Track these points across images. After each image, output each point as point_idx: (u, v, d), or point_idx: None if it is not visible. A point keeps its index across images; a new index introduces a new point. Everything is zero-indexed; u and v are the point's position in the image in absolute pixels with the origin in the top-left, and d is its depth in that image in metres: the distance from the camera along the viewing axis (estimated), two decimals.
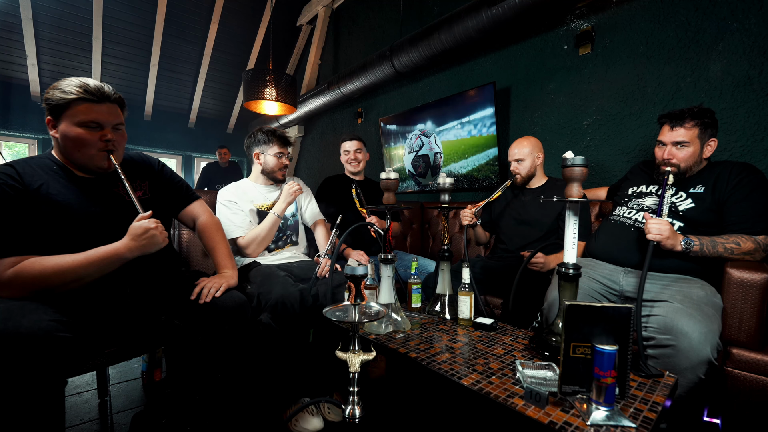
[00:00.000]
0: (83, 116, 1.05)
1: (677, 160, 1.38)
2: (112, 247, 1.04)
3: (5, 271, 0.94)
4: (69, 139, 1.06)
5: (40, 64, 4.48)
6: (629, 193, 1.59)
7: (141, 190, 1.27)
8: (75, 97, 1.04)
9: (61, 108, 1.04)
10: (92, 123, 1.07)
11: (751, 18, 1.63)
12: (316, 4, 4.69)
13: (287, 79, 2.74)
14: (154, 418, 1.40)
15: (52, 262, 0.98)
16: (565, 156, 1.07)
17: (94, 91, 1.06)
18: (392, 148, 3.60)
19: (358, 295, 1.00)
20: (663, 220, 1.26)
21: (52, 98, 1.04)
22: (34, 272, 0.96)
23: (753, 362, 1.12)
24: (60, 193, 1.07)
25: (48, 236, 1.04)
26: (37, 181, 1.05)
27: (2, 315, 0.86)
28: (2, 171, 1.02)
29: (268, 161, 1.81)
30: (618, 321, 0.80)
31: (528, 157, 1.87)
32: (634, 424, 0.76)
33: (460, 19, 2.43)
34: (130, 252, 1.04)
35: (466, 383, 0.93)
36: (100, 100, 1.08)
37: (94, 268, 1.02)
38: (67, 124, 1.05)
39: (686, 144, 1.36)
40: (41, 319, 0.87)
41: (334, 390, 1.55)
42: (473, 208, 1.80)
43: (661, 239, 1.23)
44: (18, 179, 1.02)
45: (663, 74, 1.88)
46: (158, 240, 1.07)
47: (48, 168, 1.10)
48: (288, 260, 1.80)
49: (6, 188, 0.99)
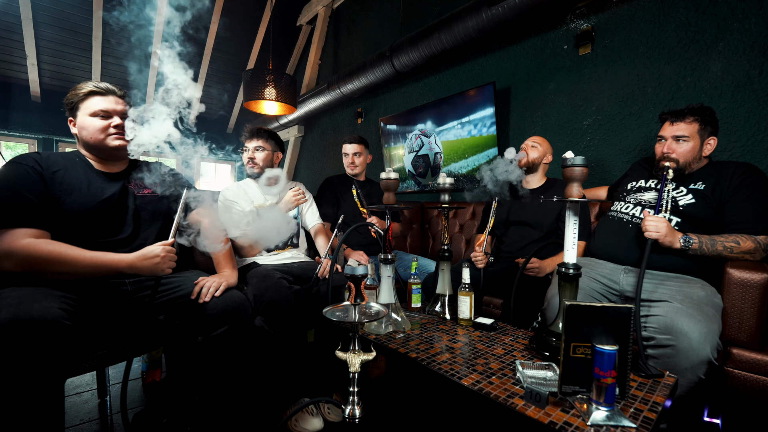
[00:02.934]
0: (94, 107, 1.22)
1: (676, 154, 1.39)
2: (116, 259, 1.11)
3: (20, 239, 1.01)
4: (84, 128, 1.22)
5: (40, 64, 4.47)
6: (628, 188, 1.59)
7: (150, 188, 1.36)
8: (86, 92, 1.22)
9: (77, 104, 1.22)
10: (101, 112, 1.23)
11: (751, 18, 1.63)
12: (316, 4, 4.69)
13: (287, 79, 2.74)
14: (154, 418, 1.40)
15: (59, 250, 1.05)
16: (565, 156, 1.07)
17: (102, 86, 1.25)
18: (392, 148, 3.60)
19: (358, 295, 1.00)
20: (660, 218, 1.26)
21: (71, 98, 1.22)
22: (42, 251, 1.02)
23: (753, 362, 1.12)
24: (74, 178, 1.19)
25: (57, 216, 1.12)
26: (56, 167, 1.17)
27: (15, 301, 0.90)
28: (27, 155, 1.14)
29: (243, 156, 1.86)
30: (618, 321, 0.80)
31: (541, 150, 1.89)
32: (634, 424, 0.76)
33: (460, 19, 2.43)
34: (130, 269, 1.12)
35: (466, 383, 0.93)
36: (107, 93, 1.25)
37: (92, 270, 1.08)
38: (82, 116, 1.22)
39: (686, 138, 1.38)
40: (51, 306, 0.91)
41: (334, 390, 1.55)
42: (480, 248, 1.74)
43: (659, 237, 1.24)
44: (39, 163, 1.14)
45: (663, 74, 1.88)
46: (160, 268, 1.13)
47: (70, 159, 1.23)
48: (288, 260, 1.80)
49: (29, 169, 1.10)
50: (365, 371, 1.61)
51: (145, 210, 1.30)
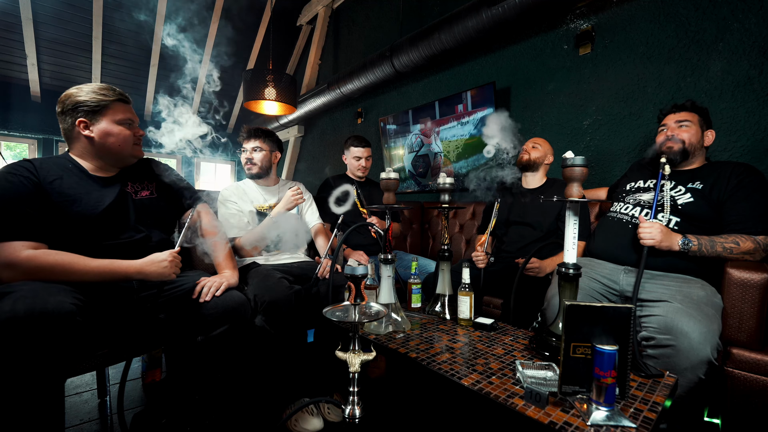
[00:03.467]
0: (122, 115, 1.23)
1: (681, 137, 1.43)
2: (124, 265, 1.12)
3: (20, 252, 1.00)
4: (112, 135, 1.21)
5: (40, 64, 4.47)
6: (627, 189, 1.60)
7: (148, 190, 1.35)
8: (114, 99, 1.21)
9: (101, 109, 1.19)
10: (128, 120, 1.25)
11: (751, 18, 1.62)
12: (316, 4, 4.69)
13: (287, 79, 2.74)
14: (154, 418, 1.40)
15: (66, 259, 1.04)
16: (565, 156, 1.07)
17: (124, 95, 1.25)
18: (392, 148, 3.60)
19: (358, 295, 1.00)
20: (654, 223, 1.27)
21: (91, 101, 1.17)
22: (47, 262, 1.02)
23: (753, 362, 1.12)
24: (72, 187, 1.16)
25: (58, 227, 1.11)
26: (52, 176, 1.14)
27: (29, 293, 0.90)
28: (21, 165, 1.11)
29: (241, 157, 1.87)
30: (618, 321, 0.79)
31: (542, 150, 1.91)
32: (635, 424, 0.76)
33: (460, 19, 2.43)
34: (138, 274, 1.13)
35: (466, 383, 0.93)
36: (128, 101, 1.27)
37: (99, 278, 1.08)
38: (108, 123, 1.20)
39: (688, 123, 1.44)
40: (65, 301, 0.92)
41: (334, 390, 1.55)
42: (481, 247, 1.73)
43: (654, 243, 1.25)
44: (34, 173, 1.11)
45: (663, 74, 1.88)
46: (167, 272, 1.16)
47: (63, 166, 1.19)
48: (288, 260, 1.80)
49: (24, 180, 1.08)
50: (365, 371, 1.62)
51: (145, 212, 1.30)
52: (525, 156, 1.91)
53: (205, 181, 6.28)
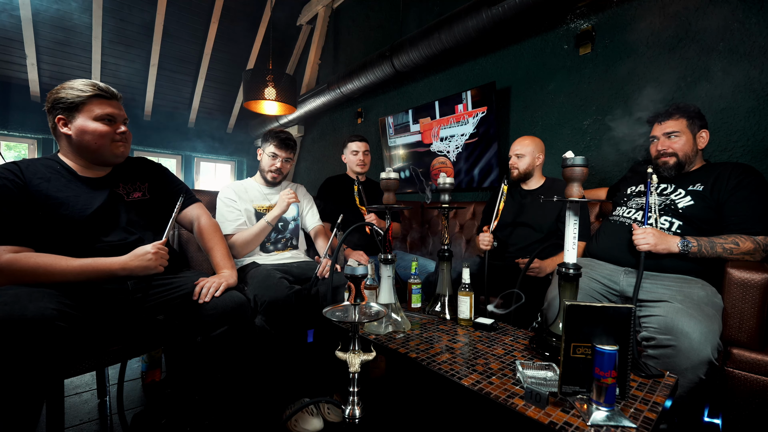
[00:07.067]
0: (99, 111, 1.14)
1: (673, 149, 1.41)
2: (108, 262, 1.08)
3: (0, 256, 0.98)
4: (87, 132, 1.14)
5: (40, 64, 4.47)
6: (628, 193, 1.60)
7: (140, 191, 1.32)
8: (91, 94, 1.13)
9: (77, 105, 1.12)
10: (107, 117, 1.16)
11: (751, 18, 1.62)
12: (316, 4, 4.69)
13: (287, 79, 2.75)
14: (154, 418, 1.40)
15: (47, 261, 1.01)
16: (565, 156, 1.07)
17: (105, 89, 1.17)
18: (392, 148, 3.60)
19: (358, 295, 1.00)
20: (647, 228, 1.28)
21: (67, 97, 1.11)
22: (27, 265, 0.99)
23: (753, 362, 1.12)
24: (59, 190, 1.13)
25: (45, 230, 1.08)
26: (39, 178, 1.11)
27: (11, 299, 0.89)
28: (6, 168, 1.08)
29: (263, 159, 1.85)
30: (618, 321, 0.79)
31: (529, 154, 1.88)
32: (635, 424, 0.76)
33: (460, 19, 2.43)
34: (123, 271, 1.09)
35: (466, 383, 0.93)
36: (111, 97, 1.18)
37: (84, 277, 1.05)
38: (84, 119, 1.13)
39: (677, 134, 1.41)
40: (46, 307, 0.90)
41: (334, 390, 1.55)
42: (489, 230, 1.72)
43: (650, 247, 1.25)
44: (20, 176, 1.08)
45: (663, 74, 1.88)
46: (152, 265, 1.11)
47: (51, 168, 1.16)
48: (288, 260, 1.80)
49: (8, 183, 1.05)
50: (365, 371, 1.61)
51: (138, 214, 1.26)
52: (515, 172, 1.90)
53: (205, 181, 6.27)
